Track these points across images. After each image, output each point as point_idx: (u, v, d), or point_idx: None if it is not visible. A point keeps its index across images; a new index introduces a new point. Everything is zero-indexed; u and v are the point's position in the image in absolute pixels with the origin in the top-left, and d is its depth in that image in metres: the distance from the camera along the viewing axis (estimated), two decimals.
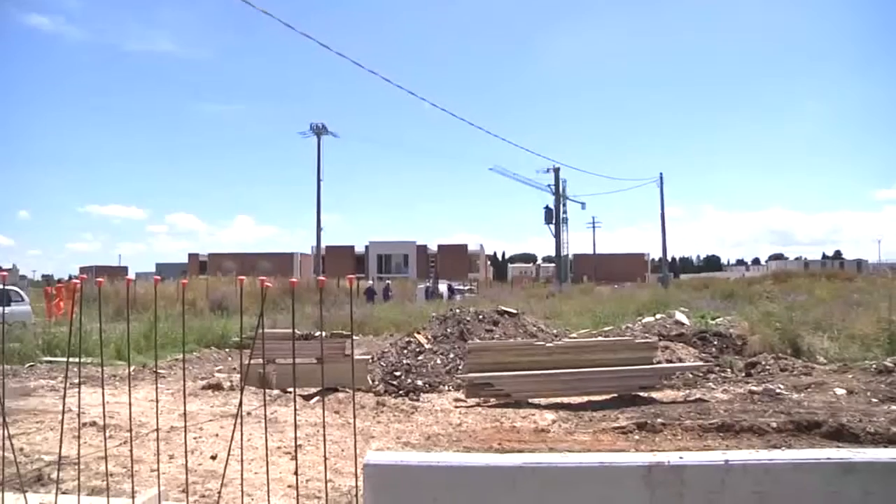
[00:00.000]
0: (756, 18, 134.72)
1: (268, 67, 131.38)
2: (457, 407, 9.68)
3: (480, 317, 14.53)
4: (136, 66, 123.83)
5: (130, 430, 4.91)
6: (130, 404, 4.72)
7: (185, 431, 5.13)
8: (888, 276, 18.89)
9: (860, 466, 2.88)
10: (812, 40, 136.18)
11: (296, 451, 5.59)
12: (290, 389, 9.74)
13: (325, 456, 5.04)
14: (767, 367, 11.80)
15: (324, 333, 11.38)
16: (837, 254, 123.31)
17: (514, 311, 15.83)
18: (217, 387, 10.88)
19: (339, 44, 49.56)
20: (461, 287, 50.10)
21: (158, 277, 5.94)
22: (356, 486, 4.54)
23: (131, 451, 4.63)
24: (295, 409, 5.31)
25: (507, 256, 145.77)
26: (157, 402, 6.41)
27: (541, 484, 2.91)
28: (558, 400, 9.88)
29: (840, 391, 9.72)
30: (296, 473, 5.26)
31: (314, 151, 49.25)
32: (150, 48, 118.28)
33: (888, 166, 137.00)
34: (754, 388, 10.14)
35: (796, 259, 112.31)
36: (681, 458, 2.96)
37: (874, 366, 11.18)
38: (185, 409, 4.94)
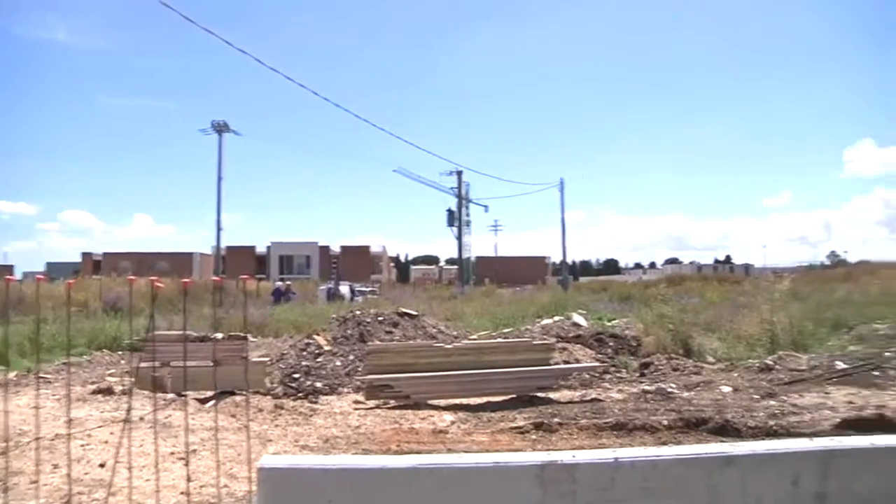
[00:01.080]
0: (656, 23, 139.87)
1: (168, 62, 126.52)
2: (356, 409, 9.61)
3: (381, 318, 14.45)
4: (28, 53, 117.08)
5: (7, 440, 4.64)
6: (7, 412, 4.46)
7: (69, 438, 4.90)
8: (771, 279, 19.90)
9: (739, 459, 3.03)
10: (708, 49, 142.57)
11: (187, 456, 5.42)
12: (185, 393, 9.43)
13: (218, 461, 4.90)
14: (660, 367, 12.26)
15: (221, 335, 11.09)
16: (728, 258, 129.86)
17: (415, 313, 15.82)
18: (108, 391, 10.40)
19: (242, 40, 48.65)
20: (363, 288, 50.02)
21: (42, 276, 5.64)
22: (251, 491, 4.43)
23: (7, 462, 4.37)
24: (187, 413, 5.16)
25: (410, 258, 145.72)
26: (37, 408, 6.09)
27: (437, 484, 2.92)
28: (457, 401, 9.95)
29: (726, 389, 10.21)
30: (188, 479, 5.09)
31: (215, 149, 48.18)
32: (44, 35, 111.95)
33: (775, 175, 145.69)
34: (647, 388, 10.50)
35: (690, 263, 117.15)
36: (573, 456, 3.03)
37: (757, 364, 11.85)
38: (69, 415, 4.72)
